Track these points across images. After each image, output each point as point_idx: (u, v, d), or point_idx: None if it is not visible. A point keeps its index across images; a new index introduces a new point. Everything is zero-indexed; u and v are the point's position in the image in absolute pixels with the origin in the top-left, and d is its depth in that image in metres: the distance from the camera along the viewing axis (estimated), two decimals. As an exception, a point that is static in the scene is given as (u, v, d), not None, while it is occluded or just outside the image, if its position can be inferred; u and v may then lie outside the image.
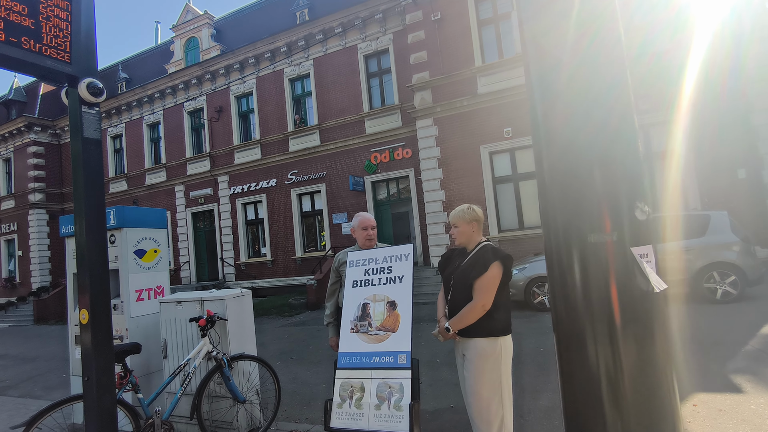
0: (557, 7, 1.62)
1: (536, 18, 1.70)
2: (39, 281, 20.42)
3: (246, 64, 16.77)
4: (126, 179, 20.06)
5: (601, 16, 1.59)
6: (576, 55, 1.60)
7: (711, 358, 4.64)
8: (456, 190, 12.01)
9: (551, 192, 1.68)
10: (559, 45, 1.63)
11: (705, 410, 3.47)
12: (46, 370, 7.89)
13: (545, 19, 1.67)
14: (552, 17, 1.64)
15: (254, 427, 3.66)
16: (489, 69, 11.77)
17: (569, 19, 1.59)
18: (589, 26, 1.59)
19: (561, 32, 1.62)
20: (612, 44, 1.61)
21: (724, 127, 9.50)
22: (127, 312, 3.95)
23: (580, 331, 1.61)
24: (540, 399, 3.97)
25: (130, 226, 4.05)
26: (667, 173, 9.89)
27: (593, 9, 1.59)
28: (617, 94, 1.60)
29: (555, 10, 1.63)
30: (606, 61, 1.60)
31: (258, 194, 16.50)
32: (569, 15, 1.59)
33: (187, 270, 18.00)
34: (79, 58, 2.54)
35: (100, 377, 2.43)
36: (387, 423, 1.96)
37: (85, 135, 2.56)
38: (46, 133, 21.63)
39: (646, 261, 1.53)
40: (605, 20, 1.60)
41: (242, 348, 3.68)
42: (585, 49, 1.59)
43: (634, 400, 1.52)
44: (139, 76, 20.55)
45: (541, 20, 1.68)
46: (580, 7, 1.59)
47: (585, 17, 1.59)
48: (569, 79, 1.61)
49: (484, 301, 2.35)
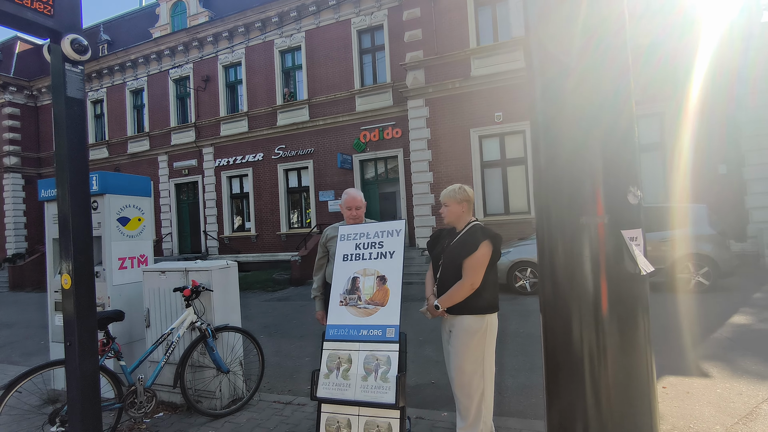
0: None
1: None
2: (14, 247, 19.92)
3: (235, 33, 16.25)
4: (107, 146, 19.48)
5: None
6: (578, 45, 1.59)
7: (681, 343, 4.83)
8: (444, 172, 12.02)
9: (547, 175, 1.69)
10: (560, 35, 1.62)
11: (673, 392, 3.63)
12: (24, 336, 7.77)
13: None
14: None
15: (237, 397, 3.69)
16: (483, 52, 11.65)
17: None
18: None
19: (564, 26, 1.61)
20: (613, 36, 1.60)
21: (711, 123, 9.66)
22: (110, 280, 3.88)
23: (566, 309, 1.64)
24: (518, 377, 4.09)
25: (113, 193, 3.95)
26: (655, 165, 10.07)
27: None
28: (617, 85, 1.60)
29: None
30: (607, 55, 1.59)
31: (244, 168, 16.24)
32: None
33: (169, 242, 17.75)
34: (62, 11, 2.42)
35: (83, 343, 2.40)
36: (373, 393, 1.99)
37: (69, 94, 2.46)
38: (23, 94, 20.74)
39: (635, 244, 1.56)
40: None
41: (227, 319, 3.68)
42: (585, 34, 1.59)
43: (614, 379, 1.57)
44: (122, 39, 19.75)
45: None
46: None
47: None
48: (569, 68, 1.60)
49: (473, 279, 2.38)
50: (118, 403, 3.03)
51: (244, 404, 3.57)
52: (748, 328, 5.35)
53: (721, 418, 3.16)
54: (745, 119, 9.66)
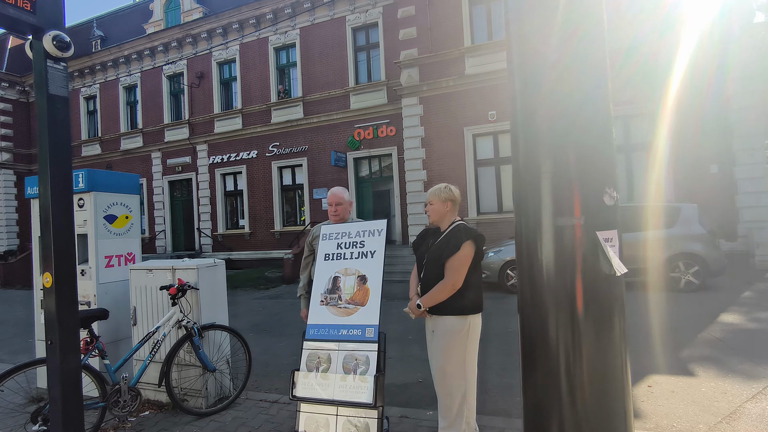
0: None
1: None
2: (6, 245, 19.78)
3: (229, 29, 16.16)
4: (100, 143, 19.35)
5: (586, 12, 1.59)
6: (558, 42, 1.59)
7: (668, 342, 4.87)
8: (438, 170, 12.02)
9: (525, 175, 1.69)
10: (542, 35, 1.62)
11: (659, 391, 3.66)
12: (12, 334, 7.72)
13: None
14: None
15: (224, 395, 3.68)
16: (478, 50, 11.65)
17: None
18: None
19: (545, 23, 1.61)
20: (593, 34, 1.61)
21: (703, 122, 9.72)
22: (96, 278, 3.86)
23: (543, 309, 1.65)
24: (504, 376, 4.11)
25: (100, 190, 3.92)
26: (646, 164, 10.12)
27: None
28: (594, 85, 1.61)
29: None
30: (586, 53, 1.60)
31: (238, 165, 16.18)
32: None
33: (162, 239, 17.67)
34: (43, 7, 2.39)
35: (64, 341, 2.38)
36: (351, 393, 1.99)
37: (51, 91, 2.43)
38: (14, 89, 20.56)
39: (610, 245, 1.56)
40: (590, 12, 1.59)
41: (213, 318, 3.66)
42: (566, 40, 1.59)
43: (589, 379, 1.58)
44: (116, 35, 19.58)
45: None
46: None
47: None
48: (549, 66, 1.60)
49: (455, 280, 2.38)
50: (101, 402, 3.01)
51: (230, 403, 3.57)
52: (737, 327, 5.40)
53: (705, 417, 3.19)
54: (737, 119, 9.73)
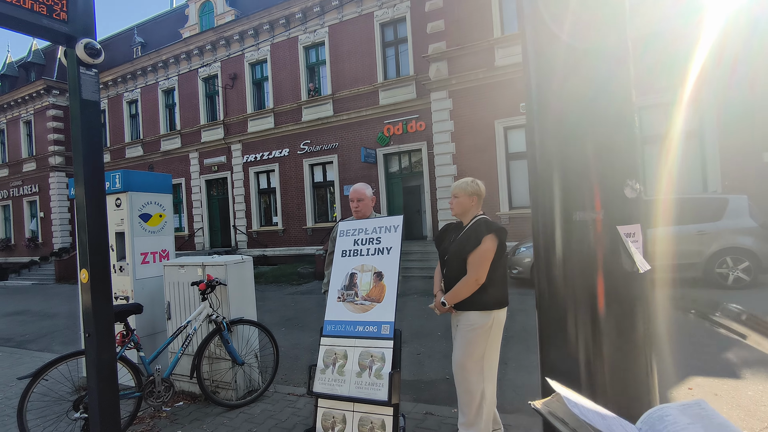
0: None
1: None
2: (60, 242, 21.11)
3: (260, 31, 16.50)
4: (141, 145, 20.28)
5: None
6: (574, 31, 1.52)
7: (713, 343, 4.59)
8: (468, 165, 11.84)
9: (541, 168, 1.63)
10: (558, 19, 1.54)
11: (700, 394, 3.46)
12: (64, 326, 8.24)
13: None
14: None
15: (252, 388, 3.79)
16: (508, 41, 11.35)
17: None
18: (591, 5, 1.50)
19: (561, 6, 1.53)
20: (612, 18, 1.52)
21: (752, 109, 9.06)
22: (133, 274, 4.05)
23: (561, 309, 1.59)
24: (534, 374, 4.00)
25: (135, 190, 4.10)
26: (686, 154, 9.56)
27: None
28: (615, 71, 1.52)
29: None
30: (605, 39, 1.51)
31: (270, 163, 16.54)
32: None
33: (201, 236, 18.35)
34: (76, 17, 2.50)
35: (100, 334, 2.51)
36: (367, 390, 1.99)
37: (83, 97, 2.55)
38: (65, 96, 21.82)
39: (632, 241, 1.48)
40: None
41: (242, 313, 3.77)
42: (583, 25, 1.51)
43: (611, 382, 1.51)
44: (155, 41, 20.42)
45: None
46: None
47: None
48: (565, 54, 1.53)
49: (478, 275, 2.33)
50: (137, 392, 3.17)
51: (258, 396, 3.66)
52: (789, 326, 5.03)
53: (750, 422, 2.99)
54: (793, 103, 9.00)
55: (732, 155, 9.22)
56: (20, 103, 22.49)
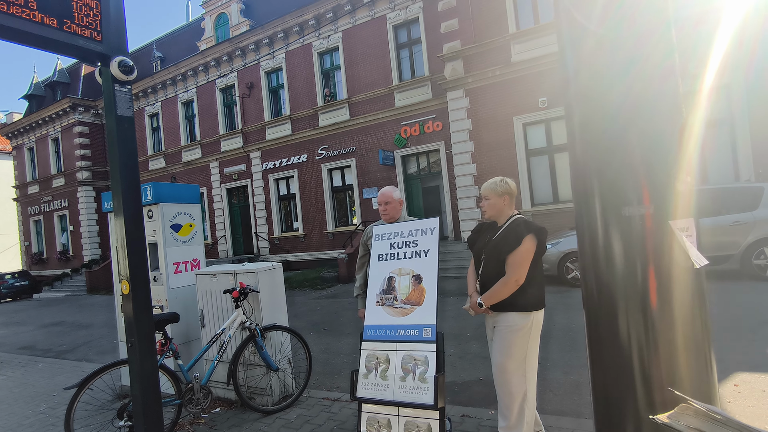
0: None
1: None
2: (90, 254, 21.76)
3: (275, 39, 16.72)
4: (164, 156, 20.76)
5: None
6: (610, 18, 1.48)
7: (757, 337, 4.42)
8: (487, 163, 11.73)
9: (584, 162, 1.59)
10: (588, 8, 1.51)
11: (747, 390, 3.33)
12: (99, 336, 8.48)
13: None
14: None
15: (287, 394, 3.81)
16: (523, 35, 11.21)
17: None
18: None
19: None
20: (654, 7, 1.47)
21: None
22: (167, 283, 4.13)
23: (612, 309, 1.55)
24: (570, 374, 3.92)
25: (166, 202, 4.19)
26: (717, 142, 9.26)
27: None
28: (658, 56, 1.47)
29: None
30: (646, 22, 1.47)
31: (289, 170, 16.72)
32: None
33: (223, 244, 18.66)
34: (109, 36, 2.57)
35: (142, 343, 2.56)
36: (412, 394, 1.98)
37: (119, 113, 2.62)
38: (90, 113, 22.55)
39: (686, 235, 1.43)
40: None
41: (274, 319, 3.80)
42: (623, 12, 1.47)
43: (669, 381, 1.46)
44: (173, 55, 20.91)
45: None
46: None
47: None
48: (603, 41, 1.49)
49: (518, 275, 2.30)
50: (177, 399, 3.22)
51: (293, 401, 3.69)
52: (838, 318, 4.80)
53: (804, 420, 2.86)
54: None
55: (764, 142, 8.88)
56: (47, 121, 23.30)
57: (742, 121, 9.08)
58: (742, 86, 8.94)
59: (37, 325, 11.22)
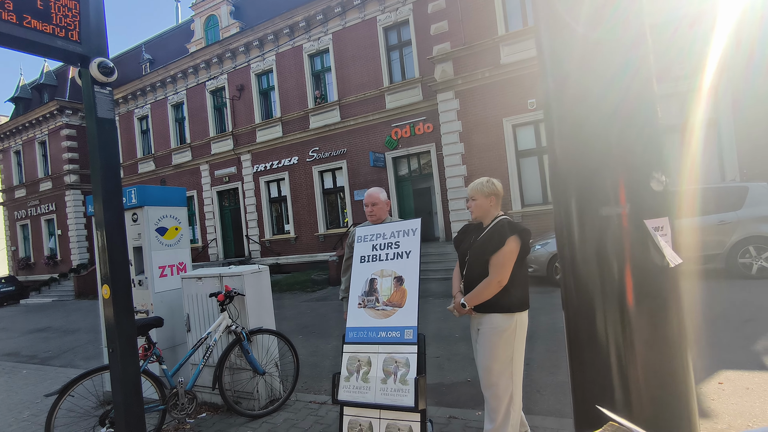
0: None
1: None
2: (78, 258, 21.47)
3: (265, 41, 16.66)
4: (153, 159, 20.56)
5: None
6: (590, 17, 1.49)
7: (741, 335, 4.47)
8: (478, 164, 11.78)
9: (562, 163, 1.60)
10: (572, 10, 1.52)
11: (731, 388, 3.36)
12: (86, 341, 8.36)
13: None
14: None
15: (274, 397, 3.78)
16: (513, 38, 11.29)
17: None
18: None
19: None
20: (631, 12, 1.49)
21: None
22: (152, 287, 4.09)
23: (590, 309, 1.55)
24: (557, 374, 3.93)
25: (151, 205, 4.15)
26: (703, 144, 9.38)
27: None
28: (635, 59, 1.49)
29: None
30: (623, 26, 1.48)
31: (280, 172, 16.65)
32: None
33: (214, 247, 18.52)
34: (89, 37, 2.53)
35: (124, 348, 2.52)
36: (393, 396, 1.97)
37: (99, 115, 2.57)
38: (77, 116, 22.28)
39: (661, 234, 1.44)
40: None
41: (260, 322, 3.77)
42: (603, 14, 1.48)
43: (645, 379, 1.47)
44: (162, 57, 20.74)
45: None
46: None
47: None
48: (581, 43, 1.51)
49: (501, 276, 2.30)
50: (161, 405, 3.18)
51: (280, 405, 3.65)
52: (820, 315, 4.88)
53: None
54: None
55: (749, 143, 9.02)
56: (35, 124, 23.00)
57: (728, 122, 9.21)
58: (728, 88, 9.07)
59: (23, 331, 11.04)
